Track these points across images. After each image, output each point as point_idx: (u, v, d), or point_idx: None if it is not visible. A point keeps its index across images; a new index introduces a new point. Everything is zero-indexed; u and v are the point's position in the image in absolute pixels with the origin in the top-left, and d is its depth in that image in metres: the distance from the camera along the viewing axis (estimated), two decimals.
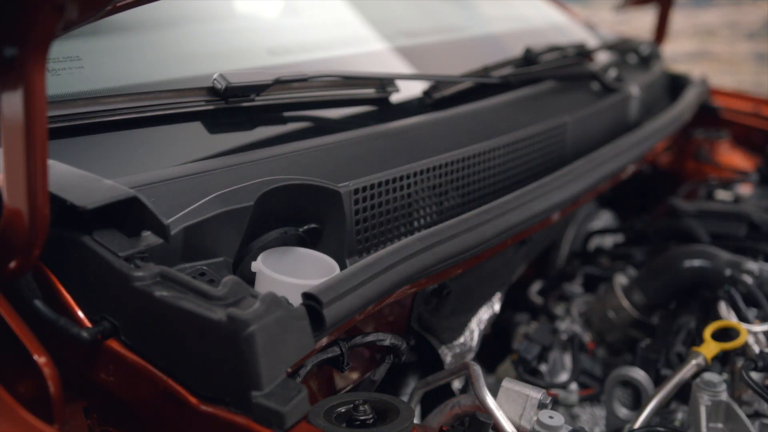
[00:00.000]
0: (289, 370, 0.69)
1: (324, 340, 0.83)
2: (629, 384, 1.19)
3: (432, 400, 1.01)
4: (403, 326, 1.07)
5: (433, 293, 1.09)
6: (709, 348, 1.11)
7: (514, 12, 2.16)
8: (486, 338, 1.20)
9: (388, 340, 0.95)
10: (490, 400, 0.87)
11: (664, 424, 1.10)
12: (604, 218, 1.85)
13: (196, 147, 1.02)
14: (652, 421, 1.08)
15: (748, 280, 1.25)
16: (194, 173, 0.90)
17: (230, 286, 0.67)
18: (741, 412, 1.01)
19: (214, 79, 1.07)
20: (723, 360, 1.16)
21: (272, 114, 1.16)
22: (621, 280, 1.43)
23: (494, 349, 1.41)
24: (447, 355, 1.13)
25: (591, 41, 2.01)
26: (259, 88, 1.10)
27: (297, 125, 1.17)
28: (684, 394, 1.10)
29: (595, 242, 1.72)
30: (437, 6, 1.97)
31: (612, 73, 1.74)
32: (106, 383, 0.73)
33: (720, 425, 1.02)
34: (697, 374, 1.08)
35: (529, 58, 1.59)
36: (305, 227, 0.95)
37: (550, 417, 0.85)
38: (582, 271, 1.58)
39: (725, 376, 1.12)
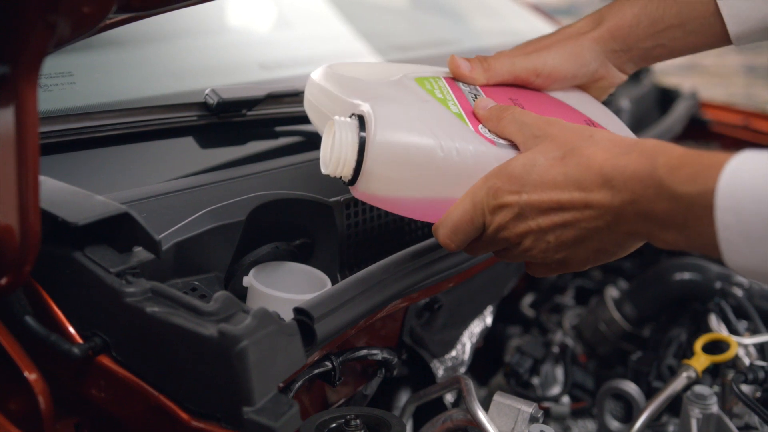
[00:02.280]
0: (281, 385, 0.69)
1: (315, 355, 0.83)
2: (621, 397, 1.19)
3: (424, 414, 1.01)
4: (395, 340, 1.07)
5: (425, 307, 1.09)
6: (700, 361, 1.11)
7: (505, 25, 2.18)
8: (478, 351, 1.20)
9: (379, 354, 0.95)
10: (481, 414, 0.87)
11: None
12: None
13: (188, 162, 1.03)
14: None
15: (738, 292, 1.26)
16: (186, 188, 0.90)
17: (222, 302, 0.67)
18: (732, 425, 1.01)
19: (206, 95, 1.07)
20: (714, 372, 1.16)
21: (264, 129, 1.16)
22: (612, 292, 1.43)
23: (486, 362, 1.41)
24: (439, 369, 1.13)
25: None
26: (251, 103, 1.11)
27: (289, 140, 1.18)
28: (675, 406, 1.10)
29: None
30: (429, 20, 1.98)
31: None
32: (98, 399, 0.72)
33: None
34: (688, 387, 1.08)
35: None
36: (297, 242, 0.95)
37: (542, 431, 0.85)
38: (573, 283, 1.59)
39: (716, 388, 1.12)
